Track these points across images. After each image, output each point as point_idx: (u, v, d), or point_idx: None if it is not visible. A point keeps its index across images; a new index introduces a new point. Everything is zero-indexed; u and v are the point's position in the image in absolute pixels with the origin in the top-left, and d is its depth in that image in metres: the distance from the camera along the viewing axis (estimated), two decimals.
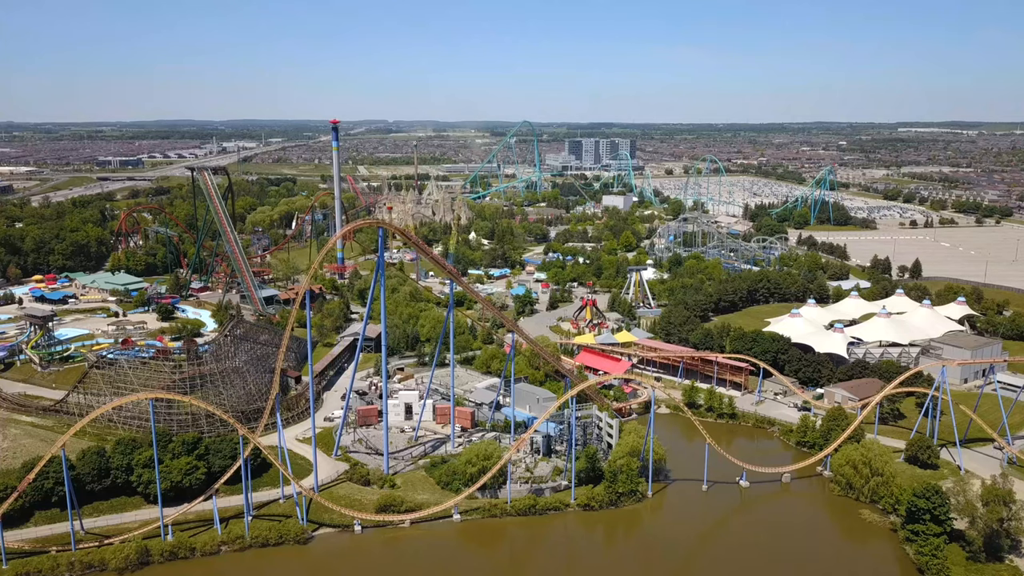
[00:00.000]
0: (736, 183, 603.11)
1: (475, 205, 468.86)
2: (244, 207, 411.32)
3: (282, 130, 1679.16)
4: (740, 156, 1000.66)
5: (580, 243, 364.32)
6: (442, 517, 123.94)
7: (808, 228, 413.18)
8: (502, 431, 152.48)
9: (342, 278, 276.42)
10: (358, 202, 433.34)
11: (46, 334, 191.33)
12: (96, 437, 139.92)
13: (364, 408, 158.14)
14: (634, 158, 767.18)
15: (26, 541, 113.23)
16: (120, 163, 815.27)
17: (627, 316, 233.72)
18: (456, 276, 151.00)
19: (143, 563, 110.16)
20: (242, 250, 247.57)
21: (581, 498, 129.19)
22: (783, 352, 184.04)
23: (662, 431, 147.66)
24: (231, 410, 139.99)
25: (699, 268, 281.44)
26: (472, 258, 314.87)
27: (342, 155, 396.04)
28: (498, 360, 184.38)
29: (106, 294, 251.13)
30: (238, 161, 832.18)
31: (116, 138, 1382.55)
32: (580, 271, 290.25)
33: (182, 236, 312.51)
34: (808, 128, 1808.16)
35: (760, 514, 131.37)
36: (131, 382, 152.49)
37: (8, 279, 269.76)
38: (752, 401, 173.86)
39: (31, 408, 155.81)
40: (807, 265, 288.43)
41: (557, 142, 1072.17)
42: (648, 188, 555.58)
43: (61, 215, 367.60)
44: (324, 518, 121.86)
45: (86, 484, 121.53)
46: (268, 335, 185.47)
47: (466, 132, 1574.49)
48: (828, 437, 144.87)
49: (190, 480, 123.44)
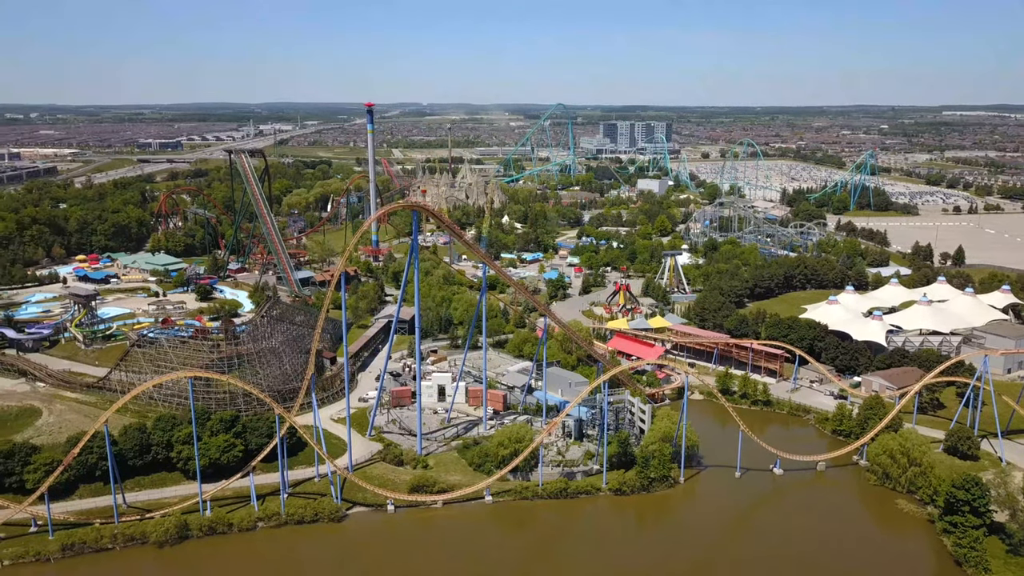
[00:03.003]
0: (774, 167, 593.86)
1: (508, 188, 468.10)
2: (280, 189, 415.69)
3: (318, 113, 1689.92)
4: (778, 140, 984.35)
5: (614, 227, 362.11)
6: (474, 498, 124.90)
7: (847, 214, 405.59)
8: (534, 414, 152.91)
9: (377, 260, 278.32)
10: (392, 185, 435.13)
11: (89, 313, 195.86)
12: (137, 414, 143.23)
13: (398, 389, 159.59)
14: (670, 141, 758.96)
15: (71, 513, 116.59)
16: (160, 145, 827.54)
17: (661, 301, 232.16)
18: (488, 260, 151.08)
19: (182, 537, 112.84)
20: (278, 232, 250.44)
21: (613, 482, 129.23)
22: (820, 339, 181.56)
23: (695, 417, 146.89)
24: (267, 389, 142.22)
25: (735, 253, 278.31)
26: (505, 242, 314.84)
27: (377, 138, 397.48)
28: (530, 344, 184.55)
29: (146, 274, 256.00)
30: (274, 144, 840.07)
31: (156, 121, 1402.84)
32: (614, 255, 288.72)
33: (220, 218, 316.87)
34: (849, 112, 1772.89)
35: (794, 502, 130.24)
36: (171, 360, 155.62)
37: (53, 259, 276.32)
38: (787, 388, 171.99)
39: (75, 384, 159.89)
40: (846, 251, 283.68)
41: (592, 125, 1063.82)
42: (684, 172, 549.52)
43: (103, 196, 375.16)
44: (358, 497, 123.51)
45: (128, 459, 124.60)
46: (304, 316, 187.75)
47: (500, 115, 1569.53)
48: (865, 426, 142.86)
49: (228, 457, 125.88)
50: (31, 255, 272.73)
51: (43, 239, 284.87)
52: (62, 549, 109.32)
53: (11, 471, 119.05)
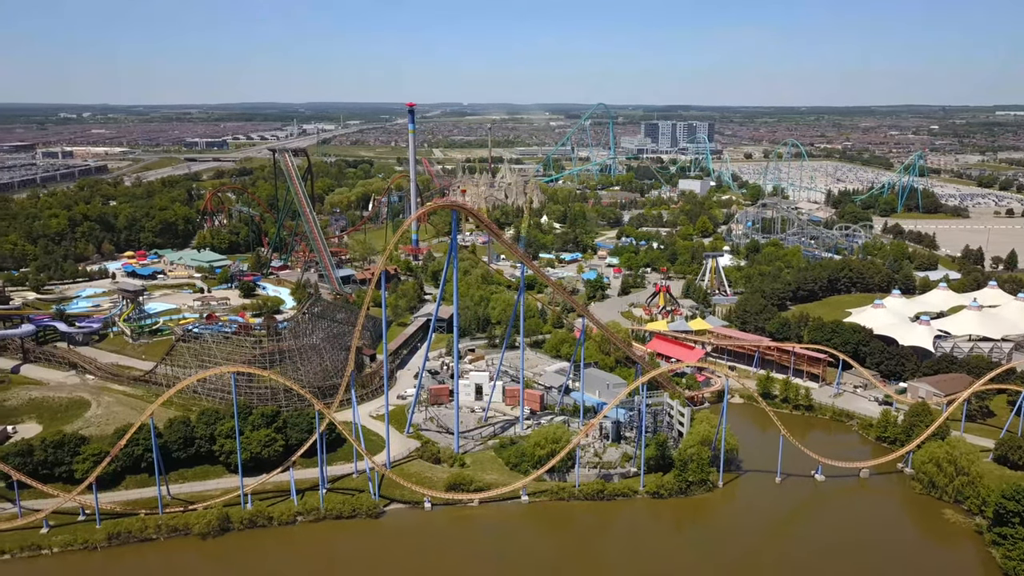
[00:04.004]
0: (819, 168, 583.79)
1: (548, 188, 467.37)
2: (323, 188, 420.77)
3: (360, 112, 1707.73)
4: (823, 140, 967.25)
5: (654, 228, 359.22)
6: (510, 498, 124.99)
7: (895, 216, 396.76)
8: (571, 415, 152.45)
9: (416, 259, 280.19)
10: (433, 184, 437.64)
11: (137, 308, 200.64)
12: (182, 407, 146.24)
13: (436, 387, 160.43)
14: (712, 141, 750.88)
15: (118, 503, 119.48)
16: (206, 144, 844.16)
17: (701, 303, 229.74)
18: (527, 260, 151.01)
19: (224, 529, 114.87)
20: (320, 230, 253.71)
21: (650, 485, 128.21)
22: (864, 344, 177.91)
23: (735, 421, 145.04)
24: (308, 385, 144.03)
25: (777, 255, 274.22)
26: (543, 242, 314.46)
27: (418, 138, 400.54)
28: (568, 344, 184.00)
29: (192, 270, 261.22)
30: (317, 143, 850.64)
31: (203, 120, 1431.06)
32: (654, 256, 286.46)
33: (264, 216, 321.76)
34: (897, 111, 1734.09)
35: (835, 509, 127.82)
36: (214, 356, 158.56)
37: (103, 255, 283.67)
38: (830, 393, 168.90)
39: (123, 378, 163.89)
40: (892, 254, 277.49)
41: (633, 124, 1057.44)
42: (726, 172, 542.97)
43: (151, 194, 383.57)
44: (395, 494, 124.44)
45: (172, 452, 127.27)
46: (344, 314, 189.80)
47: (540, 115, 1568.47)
48: (910, 433, 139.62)
49: (268, 452, 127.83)
50: (82, 251, 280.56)
51: (94, 235, 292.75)
52: (108, 538, 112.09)
53: (61, 461, 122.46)
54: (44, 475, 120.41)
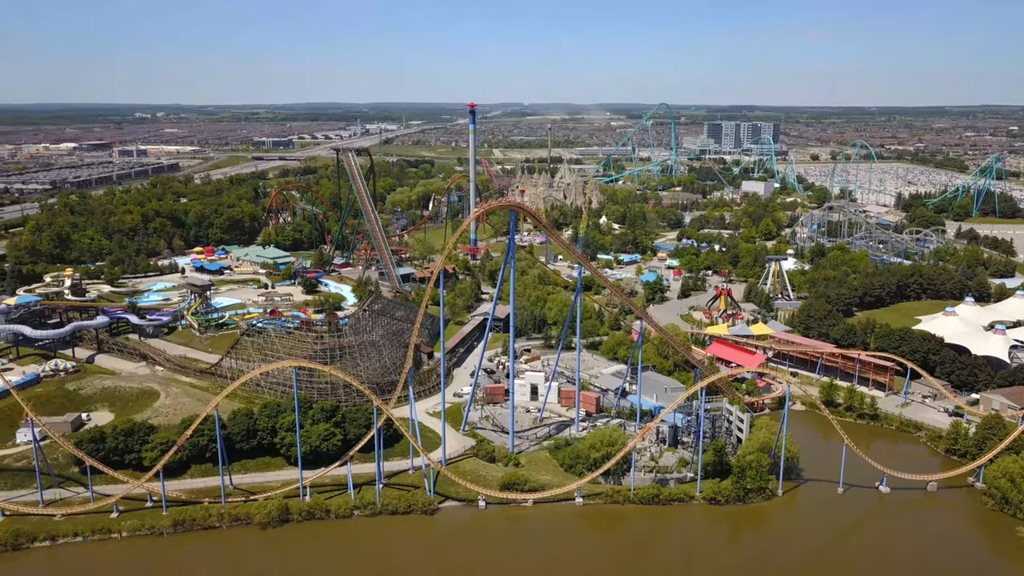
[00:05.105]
0: (889, 170, 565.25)
1: (607, 188, 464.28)
2: (385, 187, 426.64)
3: (422, 113, 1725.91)
4: (894, 142, 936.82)
5: (716, 230, 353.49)
6: (564, 499, 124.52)
7: (969, 220, 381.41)
8: (627, 418, 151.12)
9: (474, 259, 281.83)
10: (492, 184, 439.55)
11: (204, 302, 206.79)
12: (245, 400, 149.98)
13: (492, 386, 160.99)
14: (777, 142, 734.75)
15: (183, 491, 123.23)
16: (273, 143, 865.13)
17: (763, 308, 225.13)
18: (584, 261, 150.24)
19: (283, 520, 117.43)
20: (382, 229, 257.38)
21: (707, 491, 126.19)
22: (934, 352, 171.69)
23: (796, 429, 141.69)
24: (367, 381, 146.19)
25: (844, 260, 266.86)
26: (602, 242, 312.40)
27: (478, 138, 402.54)
28: (625, 347, 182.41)
29: (257, 267, 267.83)
30: (380, 143, 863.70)
31: (269, 120, 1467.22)
32: (715, 259, 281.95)
33: (327, 214, 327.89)
34: (973, 112, 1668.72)
35: (901, 523, 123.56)
36: (277, 350, 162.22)
37: (173, 250, 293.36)
38: (897, 403, 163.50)
39: (190, 369, 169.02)
40: (966, 260, 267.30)
41: (695, 125, 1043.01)
42: (791, 174, 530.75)
43: (219, 192, 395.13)
44: (450, 491, 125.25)
45: (235, 443, 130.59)
46: (404, 311, 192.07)
47: (600, 115, 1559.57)
48: (982, 446, 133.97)
49: (327, 445, 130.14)
50: (154, 246, 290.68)
51: (165, 231, 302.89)
52: (174, 524, 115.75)
53: (131, 448, 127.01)
54: (115, 461, 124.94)
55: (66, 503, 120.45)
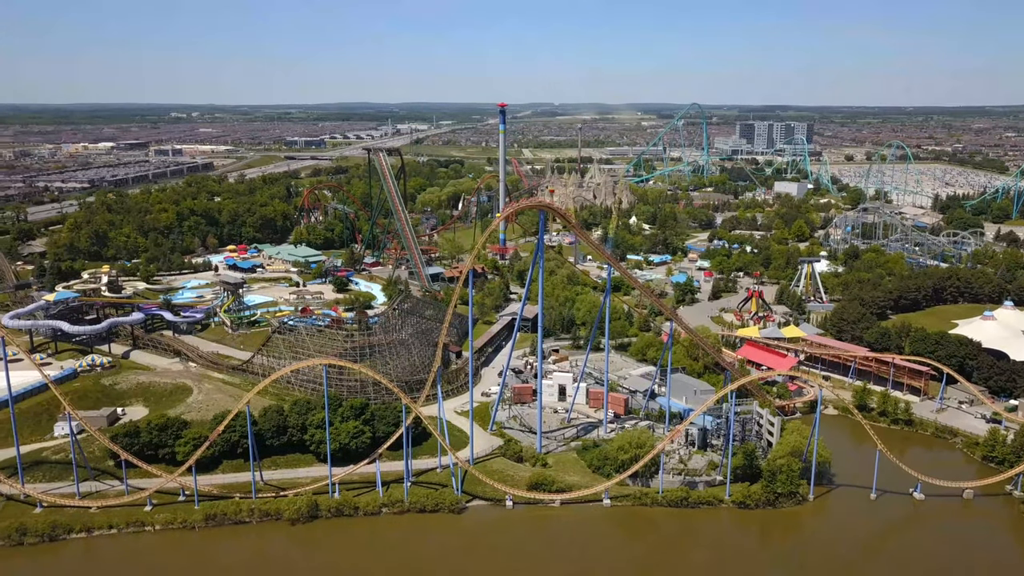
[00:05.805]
0: (925, 171, 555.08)
1: (638, 189, 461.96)
2: (415, 187, 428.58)
3: (452, 113, 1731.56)
4: (932, 142, 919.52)
5: (748, 231, 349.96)
6: (592, 500, 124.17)
7: (1009, 223, 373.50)
8: (656, 420, 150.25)
9: (503, 259, 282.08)
10: (521, 184, 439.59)
11: (237, 300, 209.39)
12: (276, 397, 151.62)
13: (519, 386, 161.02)
14: (810, 143, 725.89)
15: (215, 486, 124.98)
16: (305, 143, 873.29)
17: (796, 310, 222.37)
18: (613, 261, 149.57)
19: (312, 516, 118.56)
20: (412, 228, 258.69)
21: (736, 495, 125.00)
22: (972, 357, 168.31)
23: (828, 433, 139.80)
24: (396, 380, 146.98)
25: (878, 262, 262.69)
26: (632, 243, 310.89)
27: (508, 138, 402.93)
28: (654, 348, 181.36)
29: (288, 265, 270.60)
30: (411, 143, 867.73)
31: (302, 120, 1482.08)
32: (747, 260, 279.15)
33: (358, 213, 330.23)
34: (1015, 111, 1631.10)
35: (936, 530, 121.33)
36: (308, 348, 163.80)
37: (207, 248, 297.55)
38: (932, 408, 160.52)
39: (222, 366, 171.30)
40: (1005, 263, 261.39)
41: (727, 125, 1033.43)
42: (825, 175, 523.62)
43: (253, 191, 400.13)
44: (477, 490, 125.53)
45: (266, 439, 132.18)
46: (433, 310, 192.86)
47: (631, 115, 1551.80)
48: (1021, 453, 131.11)
49: (356, 443, 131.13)
50: (188, 244, 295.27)
51: (199, 229, 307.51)
52: (205, 519, 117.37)
53: (164, 443, 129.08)
54: (148, 456, 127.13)
55: (101, 495, 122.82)
